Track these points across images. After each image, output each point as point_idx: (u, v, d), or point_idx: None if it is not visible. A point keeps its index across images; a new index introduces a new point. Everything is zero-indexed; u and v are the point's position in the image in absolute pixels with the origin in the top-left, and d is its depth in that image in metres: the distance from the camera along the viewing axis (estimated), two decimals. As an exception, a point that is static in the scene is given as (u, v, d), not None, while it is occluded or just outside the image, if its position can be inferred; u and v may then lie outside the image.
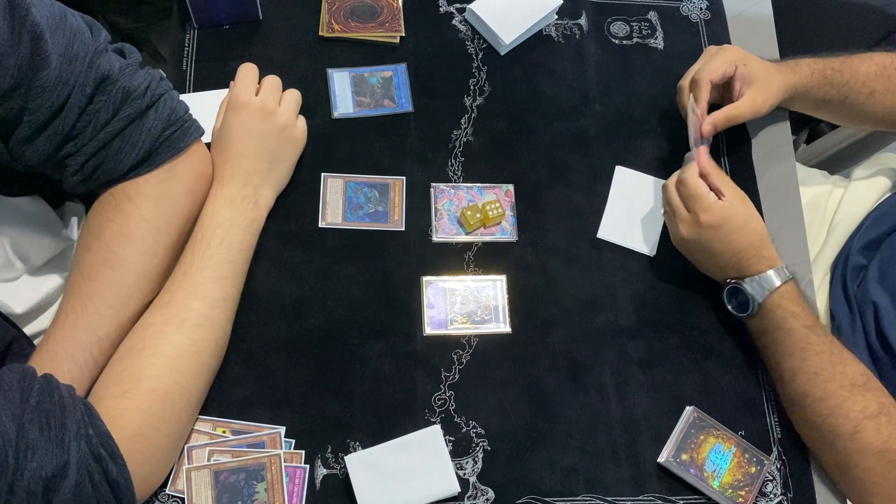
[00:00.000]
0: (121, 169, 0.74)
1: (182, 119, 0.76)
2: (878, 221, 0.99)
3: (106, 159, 0.73)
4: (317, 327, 0.83)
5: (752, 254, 0.82)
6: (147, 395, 0.67)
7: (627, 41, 1.04)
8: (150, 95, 0.73)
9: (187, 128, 0.77)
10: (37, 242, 0.84)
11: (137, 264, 0.74)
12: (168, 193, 0.76)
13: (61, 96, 0.68)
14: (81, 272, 0.74)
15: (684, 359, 0.86)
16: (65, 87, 0.68)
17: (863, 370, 0.79)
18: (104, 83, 0.70)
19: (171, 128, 0.75)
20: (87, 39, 0.70)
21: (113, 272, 0.73)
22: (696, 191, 0.82)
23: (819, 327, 0.80)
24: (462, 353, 0.83)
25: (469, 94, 0.97)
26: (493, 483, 0.78)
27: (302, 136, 0.88)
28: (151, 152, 0.74)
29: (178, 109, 0.76)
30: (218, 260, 0.75)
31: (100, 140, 0.71)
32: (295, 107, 0.88)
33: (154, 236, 0.75)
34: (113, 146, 0.72)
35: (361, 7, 0.99)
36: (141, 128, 0.73)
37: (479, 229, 0.89)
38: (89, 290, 0.73)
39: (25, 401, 0.60)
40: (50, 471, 0.58)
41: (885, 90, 0.94)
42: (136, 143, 0.73)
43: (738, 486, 0.79)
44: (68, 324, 0.72)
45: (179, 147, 0.76)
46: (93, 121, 0.71)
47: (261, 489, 0.73)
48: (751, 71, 0.90)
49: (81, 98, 0.69)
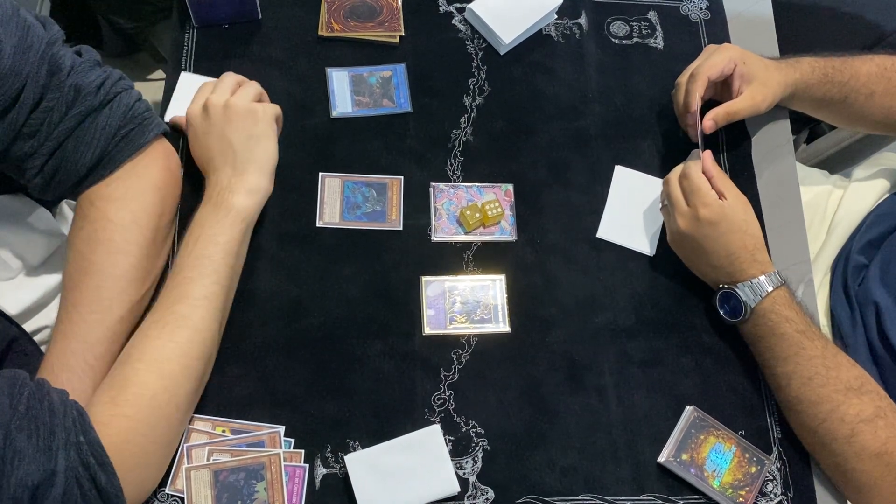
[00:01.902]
0: (80, 170, 0.73)
1: (141, 117, 0.76)
2: (879, 221, 0.99)
3: (63, 160, 0.73)
4: (316, 327, 0.82)
5: (745, 257, 0.82)
6: (133, 401, 0.66)
7: (627, 41, 1.04)
8: (103, 93, 0.73)
9: (146, 125, 0.77)
10: (30, 241, 0.84)
11: (111, 266, 0.74)
12: (130, 192, 0.75)
13: (15, 86, 0.68)
14: (64, 283, 0.75)
15: (684, 358, 0.86)
16: (18, 78, 0.68)
17: (858, 374, 0.78)
18: (56, 76, 0.71)
19: (128, 125, 0.75)
20: (40, 32, 0.71)
21: (89, 278, 0.73)
22: (699, 185, 0.82)
23: (813, 332, 0.80)
24: (461, 352, 0.83)
25: (468, 94, 0.97)
26: (493, 482, 0.78)
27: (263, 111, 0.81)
28: (108, 151, 0.74)
29: (136, 107, 0.76)
30: (196, 257, 0.74)
31: (54, 139, 0.72)
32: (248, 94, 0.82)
33: (123, 236, 0.74)
34: (68, 146, 0.72)
35: (361, 6, 0.99)
36: (94, 125, 0.73)
37: (478, 229, 0.89)
38: (72, 299, 0.73)
39: (14, 407, 0.59)
40: (36, 479, 0.57)
41: (884, 92, 0.93)
42: (90, 142, 0.73)
43: (739, 485, 0.79)
44: (59, 335, 0.72)
45: (139, 144, 0.76)
46: (47, 119, 0.71)
47: (260, 488, 0.72)
48: (750, 69, 0.90)
49: (35, 89, 0.69)
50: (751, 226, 0.82)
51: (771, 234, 0.93)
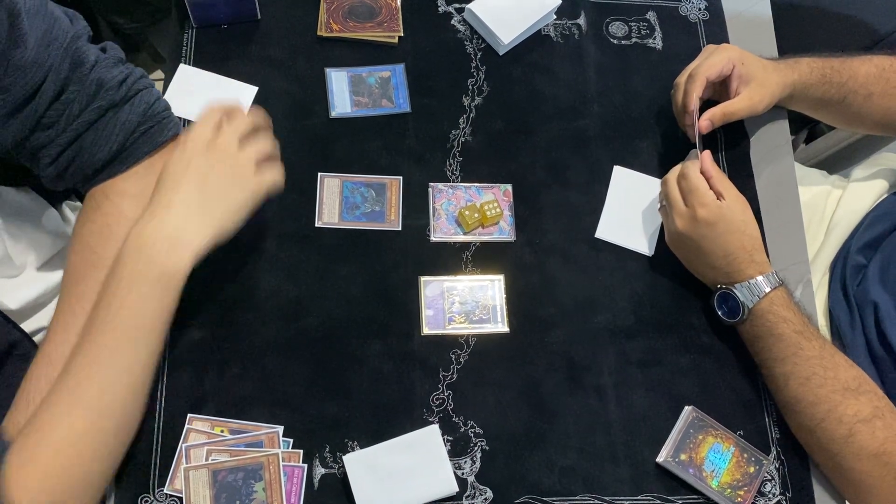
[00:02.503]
0: (95, 163, 0.73)
1: (160, 115, 0.76)
2: (878, 221, 0.99)
3: (80, 152, 0.73)
4: (315, 327, 0.82)
5: (744, 258, 0.82)
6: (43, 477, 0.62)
7: (626, 41, 1.04)
8: (125, 89, 0.73)
9: (165, 124, 0.77)
10: (38, 240, 0.84)
11: None
12: (146, 189, 0.74)
13: (36, 77, 0.68)
14: (69, 275, 0.74)
15: (683, 359, 0.86)
16: (40, 69, 0.68)
17: (856, 374, 0.78)
18: (79, 70, 0.71)
19: (148, 123, 0.75)
20: (65, 26, 0.71)
21: (97, 272, 0.72)
22: (697, 185, 0.82)
23: (810, 332, 0.80)
24: (460, 352, 0.83)
25: (467, 94, 0.97)
26: (492, 483, 0.78)
27: (261, 183, 0.74)
28: (126, 147, 0.74)
29: (156, 106, 0.76)
30: (119, 323, 0.66)
31: (73, 131, 0.72)
32: (258, 150, 0.75)
33: None
34: (86, 138, 0.72)
35: (360, 7, 0.99)
36: (115, 120, 0.73)
37: (477, 229, 0.89)
38: (77, 292, 0.72)
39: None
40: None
41: (882, 93, 0.93)
42: (109, 136, 0.73)
43: (737, 485, 0.79)
44: (60, 327, 0.72)
45: (157, 142, 0.76)
46: (66, 111, 0.71)
47: (259, 488, 0.72)
48: (748, 69, 0.90)
49: (56, 82, 0.70)
50: (749, 226, 0.82)
51: (770, 235, 0.93)
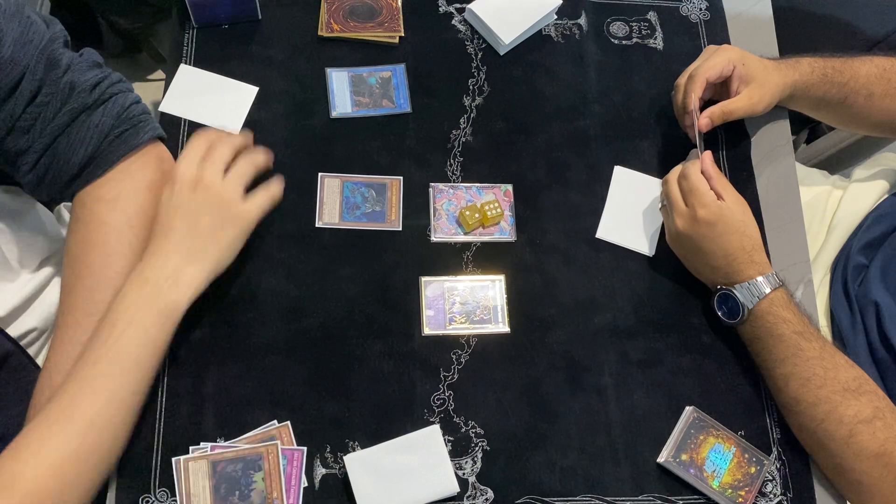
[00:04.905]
0: (71, 168, 0.73)
1: (137, 118, 0.76)
2: (879, 221, 0.99)
3: (55, 157, 0.73)
4: (315, 327, 0.82)
5: (743, 258, 0.82)
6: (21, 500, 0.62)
7: (627, 41, 1.04)
8: (97, 92, 0.74)
9: (141, 127, 0.76)
10: (33, 243, 0.84)
11: (105, 267, 0.73)
12: (123, 193, 0.74)
13: (13, 75, 0.69)
14: (62, 287, 0.75)
15: (683, 359, 0.86)
16: (16, 68, 0.69)
17: (856, 375, 0.78)
18: (52, 73, 0.71)
19: (122, 126, 0.75)
20: (41, 29, 0.72)
21: (83, 281, 0.73)
22: (698, 185, 0.82)
23: (811, 333, 0.79)
24: (461, 353, 0.83)
25: (468, 95, 0.97)
26: (493, 483, 0.78)
27: (249, 213, 0.76)
28: (101, 150, 0.74)
29: (132, 109, 0.76)
30: (117, 351, 0.67)
31: (47, 135, 0.72)
32: (242, 178, 0.76)
33: (116, 237, 0.74)
34: (60, 142, 0.73)
35: (360, 7, 0.99)
36: (88, 123, 0.73)
37: (477, 229, 0.89)
38: (68, 303, 0.73)
39: None
40: None
41: (883, 93, 0.93)
42: (83, 140, 0.73)
43: (738, 486, 0.79)
44: (57, 339, 0.72)
45: (133, 145, 0.75)
46: (41, 114, 0.71)
47: (258, 479, 0.73)
48: (749, 70, 0.90)
49: (32, 83, 0.70)
50: (748, 227, 0.82)
51: (770, 235, 0.93)
